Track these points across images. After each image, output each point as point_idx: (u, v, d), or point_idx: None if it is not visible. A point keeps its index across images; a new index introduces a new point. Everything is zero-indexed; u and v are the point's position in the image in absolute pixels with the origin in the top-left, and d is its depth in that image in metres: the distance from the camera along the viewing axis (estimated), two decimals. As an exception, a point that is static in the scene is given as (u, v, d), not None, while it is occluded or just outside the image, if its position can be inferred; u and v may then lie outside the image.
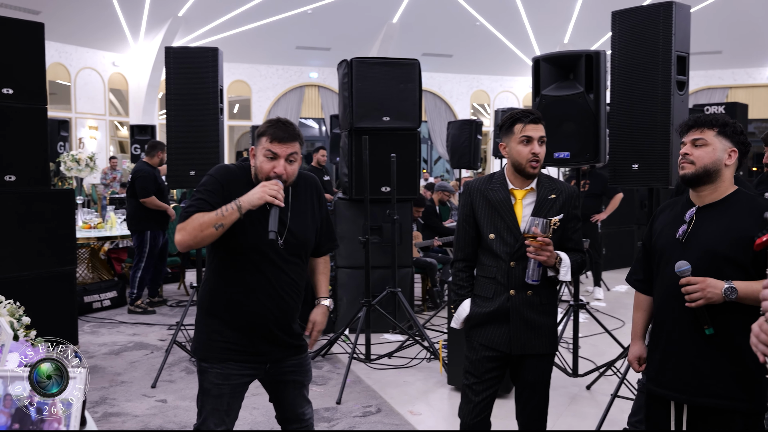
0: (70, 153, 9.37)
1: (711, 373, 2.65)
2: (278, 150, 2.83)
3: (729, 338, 2.63)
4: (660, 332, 2.83)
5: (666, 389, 2.78)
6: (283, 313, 2.96)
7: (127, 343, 6.82)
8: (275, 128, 2.85)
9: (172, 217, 8.24)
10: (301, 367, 3.10)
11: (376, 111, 6.86)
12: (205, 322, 3.00)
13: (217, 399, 2.95)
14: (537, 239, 3.04)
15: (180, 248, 2.83)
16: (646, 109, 4.62)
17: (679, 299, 2.67)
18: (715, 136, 2.74)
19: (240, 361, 2.94)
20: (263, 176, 2.84)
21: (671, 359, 2.76)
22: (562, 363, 5.60)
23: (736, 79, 23.07)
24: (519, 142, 3.20)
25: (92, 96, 19.50)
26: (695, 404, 2.69)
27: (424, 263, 8.23)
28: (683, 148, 2.79)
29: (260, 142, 2.87)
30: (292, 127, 2.88)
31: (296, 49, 21.67)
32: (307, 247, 3.04)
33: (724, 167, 2.73)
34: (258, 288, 2.89)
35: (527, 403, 3.30)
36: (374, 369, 6.00)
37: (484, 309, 3.25)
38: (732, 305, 2.59)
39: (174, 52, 5.97)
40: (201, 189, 2.88)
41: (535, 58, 5.40)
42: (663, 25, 4.51)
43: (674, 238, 2.77)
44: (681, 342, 2.72)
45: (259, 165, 2.86)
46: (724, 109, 8.93)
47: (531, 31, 22.20)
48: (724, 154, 2.73)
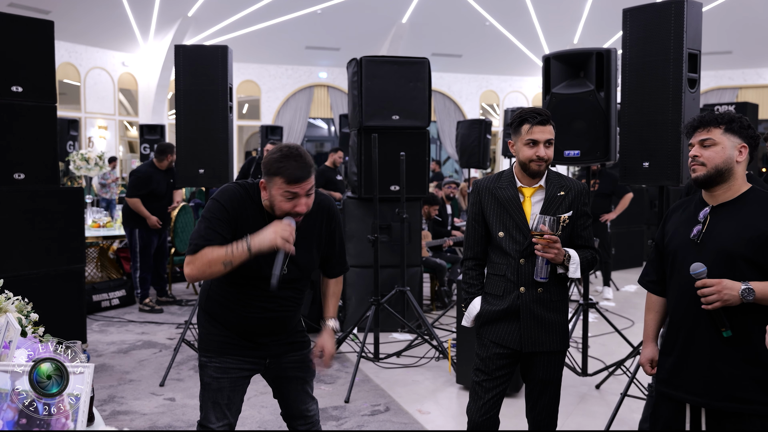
0: (79, 152, 9.39)
1: (729, 376, 2.60)
2: (298, 190, 2.70)
3: (747, 339, 2.58)
4: (675, 334, 2.78)
5: (683, 392, 2.72)
6: (281, 324, 2.98)
7: (135, 341, 6.82)
8: (290, 168, 2.68)
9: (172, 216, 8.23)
10: (302, 363, 3.09)
11: (386, 110, 6.84)
12: (204, 317, 3.03)
13: (217, 393, 2.96)
14: (544, 236, 3.02)
15: (189, 281, 2.82)
16: (657, 107, 4.58)
17: (695, 301, 2.62)
18: (723, 134, 2.68)
19: (238, 355, 2.96)
20: (282, 213, 2.74)
21: (687, 362, 2.71)
22: (572, 362, 5.57)
23: (746, 80, 22.94)
24: (525, 143, 3.18)
25: (102, 96, 19.54)
26: (713, 408, 2.64)
27: (434, 264, 8.21)
28: (692, 150, 2.73)
29: (274, 182, 2.71)
30: (305, 160, 2.72)
31: (305, 49, 21.66)
32: (309, 274, 3.00)
33: (736, 164, 2.68)
34: (255, 302, 2.89)
35: (538, 401, 3.28)
36: (383, 368, 5.99)
37: (495, 306, 3.24)
38: (750, 306, 2.55)
39: (184, 51, 5.97)
40: (209, 217, 2.77)
41: (545, 56, 5.37)
42: (674, 23, 4.48)
43: (689, 238, 2.72)
44: (698, 344, 2.67)
45: (278, 204, 2.73)
46: (734, 108, 8.89)
47: (540, 31, 22.12)
48: (734, 151, 2.67)
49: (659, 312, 3.00)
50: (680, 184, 4.52)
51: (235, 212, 2.79)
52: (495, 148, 21.92)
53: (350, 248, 7.11)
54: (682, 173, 4.49)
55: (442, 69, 22.84)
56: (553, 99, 5.23)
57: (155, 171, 8.12)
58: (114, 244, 9.32)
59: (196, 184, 6.11)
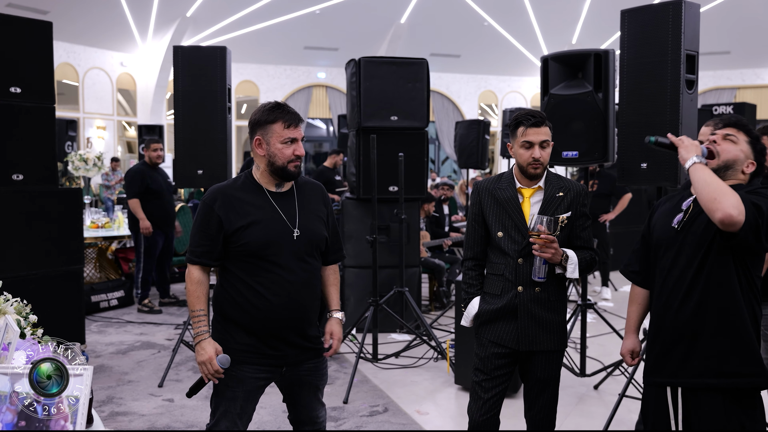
0: (78, 152, 9.38)
1: (702, 353, 2.68)
2: (296, 134, 2.91)
3: (725, 318, 2.66)
4: (659, 323, 2.83)
5: (665, 376, 2.78)
6: (299, 315, 2.95)
7: (134, 342, 6.82)
8: (285, 113, 2.91)
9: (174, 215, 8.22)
10: (317, 371, 3.09)
11: (384, 110, 6.84)
12: (221, 324, 3.00)
13: (231, 402, 2.94)
14: (541, 236, 3.04)
15: None
16: (655, 108, 4.60)
17: (677, 287, 2.72)
18: (747, 142, 2.77)
19: (256, 363, 2.93)
20: (284, 161, 2.90)
21: (669, 347, 2.76)
22: (570, 363, 5.58)
23: (745, 80, 22.97)
24: (521, 146, 3.22)
25: (100, 96, 19.53)
26: (688, 386, 2.72)
27: (433, 265, 8.21)
28: (713, 137, 2.80)
29: (273, 130, 2.90)
30: (294, 109, 2.97)
31: (304, 49, 21.67)
32: (319, 244, 3.03)
33: (741, 172, 2.76)
34: (272, 290, 2.88)
35: (536, 401, 3.29)
36: (381, 369, 5.99)
37: (493, 306, 3.26)
38: (718, 282, 2.64)
39: (182, 51, 5.97)
40: (197, 223, 2.97)
41: (543, 57, 5.38)
42: (672, 24, 4.49)
43: (670, 226, 2.80)
44: (679, 330, 2.73)
45: (279, 152, 2.89)
46: (732, 109, 8.89)
47: (539, 31, 22.15)
48: (747, 160, 2.76)
49: (641, 304, 3.06)
50: (678, 185, 4.52)
51: (223, 211, 2.92)
52: (493, 149, 21.94)
53: (349, 249, 7.12)
54: (680, 174, 4.50)
55: (440, 69, 22.86)
56: (552, 100, 5.23)
57: (147, 168, 8.11)
58: (113, 245, 9.32)
59: (195, 184, 6.11)
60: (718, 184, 2.54)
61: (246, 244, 2.87)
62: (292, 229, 2.91)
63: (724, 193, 2.49)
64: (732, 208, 2.45)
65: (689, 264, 2.70)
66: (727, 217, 2.44)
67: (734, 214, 2.45)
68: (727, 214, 2.44)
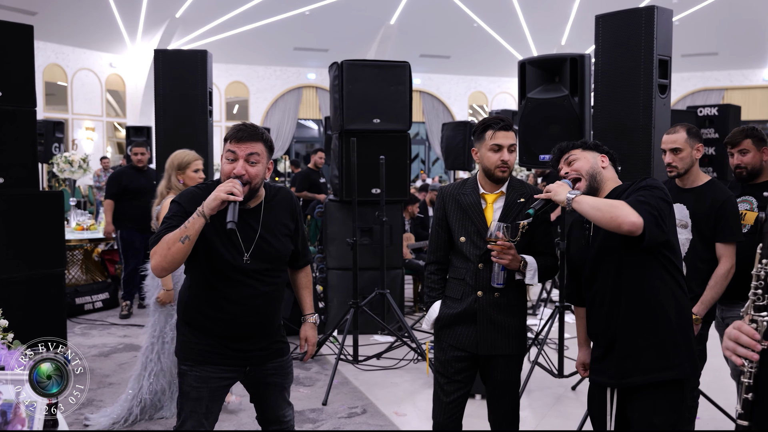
0: (63, 155, 9.38)
1: (631, 353, 2.78)
2: (237, 149, 2.81)
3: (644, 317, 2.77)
4: (591, 332, 3.03)
5: (605, 377, 2.88)
6: (263, 321, 2.98)
7: (117, 344, 6.84)
8: (235, 129, 2.85)
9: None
10: (282, 370, 3.11)
11: (367, 113, 6.88)
12: (184, 328, 3.01)
13: (196, 402, 2.96)
14: (498, 243, 3.08)
15: (156, 273, 2.76)
16: (629, 112, 4.65)
17: (600, 294, 2.86)
18: (582, 151, 3.05)
19: (219, 363, 2.95)
20: (225, 178, 2.82)
21: (606, 350, 2.88)
22: (548, 364, 5.63)
23: (732, 81, 23.07)
24: (489, 149, 3.25)
25: (89, 97, 19.52)
26: (622, 386, 2.82)
27: (416, 266, 8.25)
28: (562, 173, 3.05)
29: (224, 148, 2.87)
30: (254, 128, 2.87)
31: (294, 50, 21.70)
32: (280, 259, 3.02)
33: (605, 174, 2.99)
34: (232, 303, 2.89)
35: (498, 405, 3.34)
36: (362, 370, 6.02)
37: (453, 310, 3.30)
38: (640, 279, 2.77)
39: (163, 55, 6.02)
40: (167, 216, 2.85)
41: (521, 62, 5.43)
42: (645, 29, 4.55)
43: (581, 244, 2.98)
44: (604, 336, 2.88)
45: (222, 168, 2.85)
46: (717, 111, 8.94)
47: (528, 32, 22.24)
48: (598, 159, 3.01)
49: (585, 318, 3.15)
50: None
51: (191, 206, 2.80)
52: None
53: (332, 251, 7.16)
54: (653, 176, 4.53)
55: (430, 70, 22.93)
56: (529, 103, 5.29)
57: (129, 169, 8.08)
58: (99, 247, 9.32)
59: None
60: (605, 202, 2.69)
61: (205, 264, 2.86)
62: (243, 255, 2.86)
63: (616, 207, 2.64)
64: (631, 216, 2.60)
65: (607, 273, 2.83)
66: (632, 224, 2.59)
67: (636, 221, 2.59)
68: (631, 222, 2.59)
